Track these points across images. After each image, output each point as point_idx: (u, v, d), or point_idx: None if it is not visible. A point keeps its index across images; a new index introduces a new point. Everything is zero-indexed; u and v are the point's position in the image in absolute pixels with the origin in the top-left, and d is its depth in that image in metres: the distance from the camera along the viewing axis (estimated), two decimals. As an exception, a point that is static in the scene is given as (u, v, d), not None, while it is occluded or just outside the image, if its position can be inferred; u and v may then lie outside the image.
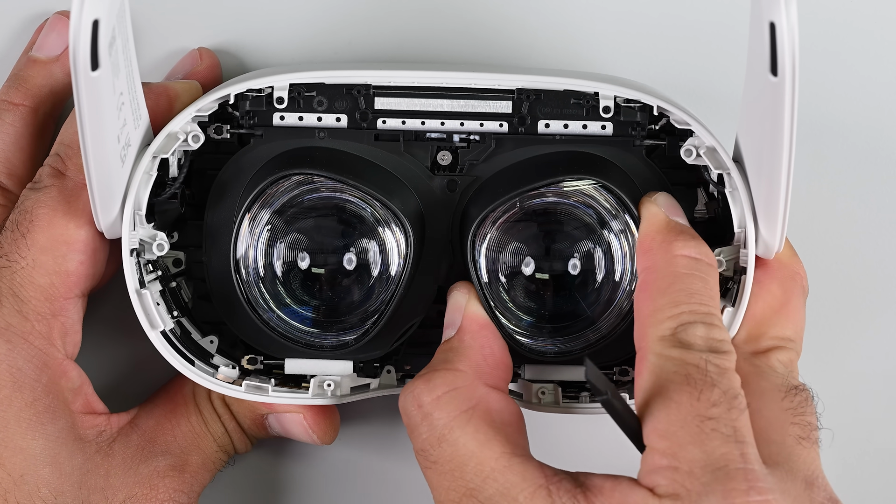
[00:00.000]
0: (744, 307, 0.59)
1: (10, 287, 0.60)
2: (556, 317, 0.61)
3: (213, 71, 0.66)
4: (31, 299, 0.60)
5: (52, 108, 0.65)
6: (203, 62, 0.66)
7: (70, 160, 0.60)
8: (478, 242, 0.60)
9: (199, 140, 0.60)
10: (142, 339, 0.60)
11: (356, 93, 0.61)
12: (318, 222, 0.61)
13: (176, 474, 0.62)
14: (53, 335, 0.60)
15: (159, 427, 0.63)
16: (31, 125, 0.64)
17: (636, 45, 0.67)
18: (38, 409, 0.60)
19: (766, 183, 0.56)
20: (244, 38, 0.67)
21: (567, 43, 0.67)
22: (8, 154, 0.64)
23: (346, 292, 0.61)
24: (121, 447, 0.62)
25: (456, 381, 0.56)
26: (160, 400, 0.64)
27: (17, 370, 0.59)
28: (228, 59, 0.67)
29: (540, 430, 0.67)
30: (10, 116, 0.64)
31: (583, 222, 0.61)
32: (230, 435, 0.64)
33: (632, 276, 0.60)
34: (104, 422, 0.62)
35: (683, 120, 0.59)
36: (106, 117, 0.53)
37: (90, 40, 0.49)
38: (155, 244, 0.60)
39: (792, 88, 0.50)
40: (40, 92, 0.65)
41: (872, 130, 0.68)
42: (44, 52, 0.65)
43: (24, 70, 0.65)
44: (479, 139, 0.61)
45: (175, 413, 0.63)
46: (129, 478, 0.61)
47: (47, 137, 0.66)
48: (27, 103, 0.64)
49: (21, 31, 0.67)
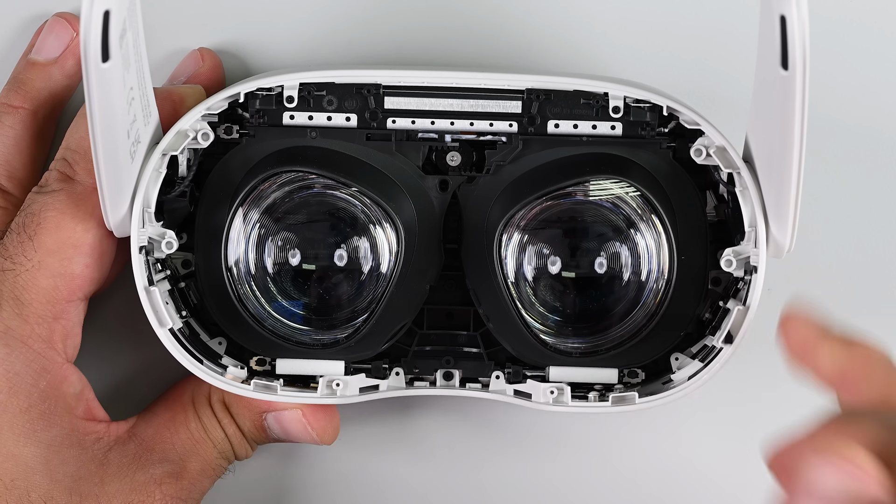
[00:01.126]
0: (755, 307, 0.59)
1: (11, 290, 0.60)
2: (582, 316, 0.62)
3: (215, 72, 0.66)
4: (33, 302, 0.60)
5: (52, 111, 0.66)
6: (205, 63, 0.66)
7: (78, 165, 0.61)
8: (504, 242, 0.60)
9: (209, 138, 0.60)
10: (142, 346, 0.60)
11: (366, 92, 0.61)
12: (310, 220, 0.61)
13: (173, 481, 0.62)
14: (55, 338, 0.60)
15: (157, 435, 0.63)
16: (30, 128, 0.65)
17: (643, 48, 0.67)
18: (32, 415, 0.60)
19: (776, 180, 0.56)
20: (245, 39, 0.67)
21: (573, 45, 0.67)
22: (8, 157, 0.64)
23: (336, 289, 0.62)
24: (117, 456, 0.62)
25: None
26: (159, 409, 0.64)
27: (14, 375, 0.59)
28: (230, 60, 0.67)
29: (543, 430, 0.68)
30: (9, 119, 0.64)
31: (609, 221, 0.61)
32: (230, 440, 0.63)
33: (658, 276, 0.60)
34: (103, 430, 0.62)
35: (693, 120, 0.59)
36: (116, 111, 0.53)
37: (101, 31, 0.49)
38: (164, 242, 0.60)
39: (803, 81, 0.50)
40: (39, 95, 0.65)
41: (873, 130, 0.68)
42: (42, 55, 0.65)
43: (24, 73, 0.65)
44: (506, 140, 0.61)
45: (174, 421, 0.63)
46: (124, 485, 0.61)
47: (47, 140, 0.66)
48: (27, 106, 0.65)
49: (20, 33, 0.67)
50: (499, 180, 0.61)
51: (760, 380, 0.67)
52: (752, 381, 0.68)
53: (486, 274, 0.61)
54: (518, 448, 0.68)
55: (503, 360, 0.63)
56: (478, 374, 0.63)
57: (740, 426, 0.68)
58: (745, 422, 0.68)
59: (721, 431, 0.68)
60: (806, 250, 0.67)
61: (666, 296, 0.60)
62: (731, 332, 0.59)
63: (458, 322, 0.64)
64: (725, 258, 0.60)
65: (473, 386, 0.63)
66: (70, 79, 0.66)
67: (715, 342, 0.60)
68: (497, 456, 0.68)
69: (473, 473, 0.68)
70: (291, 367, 0.62)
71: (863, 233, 0.68)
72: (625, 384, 0.62)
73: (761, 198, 0.58)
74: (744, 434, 0.67)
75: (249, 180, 0.60)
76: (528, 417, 0.67)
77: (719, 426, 0.68)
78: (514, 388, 0.62)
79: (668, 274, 0.60)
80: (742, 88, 0.62)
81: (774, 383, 0.67)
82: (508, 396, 0.62)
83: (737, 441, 0.68)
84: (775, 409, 0.67)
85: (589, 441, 0.68)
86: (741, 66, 0.64)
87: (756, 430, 0.67)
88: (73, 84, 0.66)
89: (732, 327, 0.59)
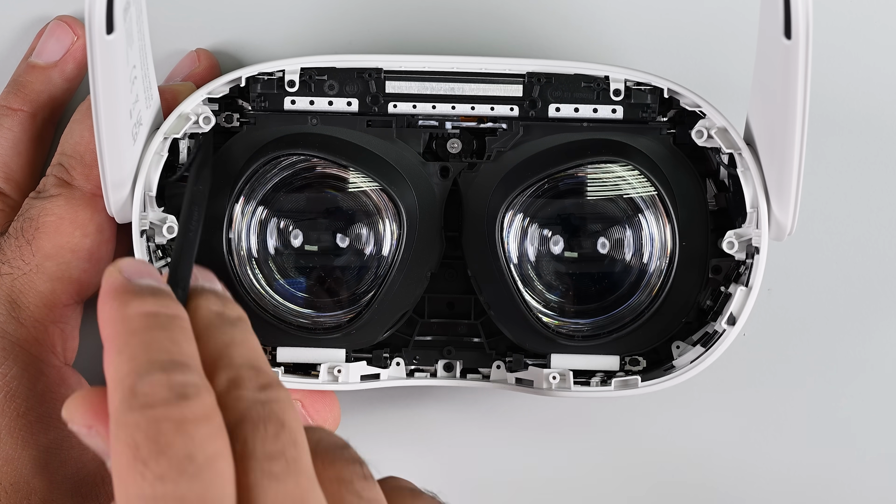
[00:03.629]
0: (757, 288, 0.59)
1: (8, 294, 0.60)
2: (584, 297, 0.62)
3: (211, 72, 0.66)
4: (30, 305, 0.60)
5: (51, 114, 0.66)
6: (201, 64, 0.66)
7: (75, 170, 0.61)
8: (506, 225, 0.60)
9: (210, 122, 0.60)
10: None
11: (367, 77, 0.61)
12: (311, 202, 0.61)
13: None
14: (53, 342, 0.60)
15: None
16: (29, 130, 0.65)
17: (644, 33, 0.67)
18: (30, 419, 0.59)
19: (777, 160, 0.56)
20: (242, 39, 0.67)
21: (574, 31, 0.67)
22: (6, 159, 0.64)
23: (338, 271, 0.62)
24: None
25: None
26: None
27: (10, 379, 0.59)
28: (227, 60, 0.67)
29: (545, 418, 0.68)
30: (8, 121, 0.64)
31: (610, 205, 0.61)
32: None
33: (660, 255, 0.61)
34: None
35: (694, 102, 0.60)
36: (119, 87, 0.53)
37: (106, 1, 0.49)
38: (165, 227, 0.60)
39: (806, 50, 0.50)
40: (39, 97, 0.65)
41: (874, 129, 0.68)
42: (43, 58, 0.66)
43: (24, 75, 0.65)
44: (506, 127, 0.61)
45: None
46: None
47: (46, 143, 0.66)
48: (26, 108, 0.65)
49: (21, 36, 0.67)
50: (499, 167, 0.61)
51: (763, 365, 0.67)
52: (755, 366, 0.67)
53: (487, 260, 0.61)
54: (520, 436, 0.68)
55: (504, 350, 0.63)
56: (479, 365, 0.63)
57: (744, 411, 0.68)
58: (749, 406, 0.68)
59: (724, 417, 0.67)
60: (806, 249, 0.67)
61: (667, 281, 0.60)
62: (734, 313, 0.59)
63: (458, 311, 0.64)
64: (727, 240, 0.60)
65: (474, 376, 0.63)
66: (70, 83, 0.66)
67: (717, 326, 0.60)
68: (499, 444, 0.68)
69: (475, 463, 0.68)
70: (292, 356, 0.62)
71: (863, 233, 0.68)
72: (626, 372, 0.62)
73: (763, 178, 0.58)
74: (747, 419, 0.67)
75: (251, 165, 0.60)
76: (530, 405, 0.67)
77: (722, 412, 0.67)
78: (515, 377, 0.62)
79: (670, 258, 0.60)
80: (742, 74, 0.62)
81: (777, 368, 0.67)
82: (510, 385, 0.62)
83: (740, 426, 0.68)
84: (778, 394, 0.67)
85: (591, 428, 0.68)
86: (742, 52, 0.64)
87: (759, 414, 0.68)
88: (72, 88, 0.66)
89: (735, 309, 0.59)
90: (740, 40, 0.66)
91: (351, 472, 0.46)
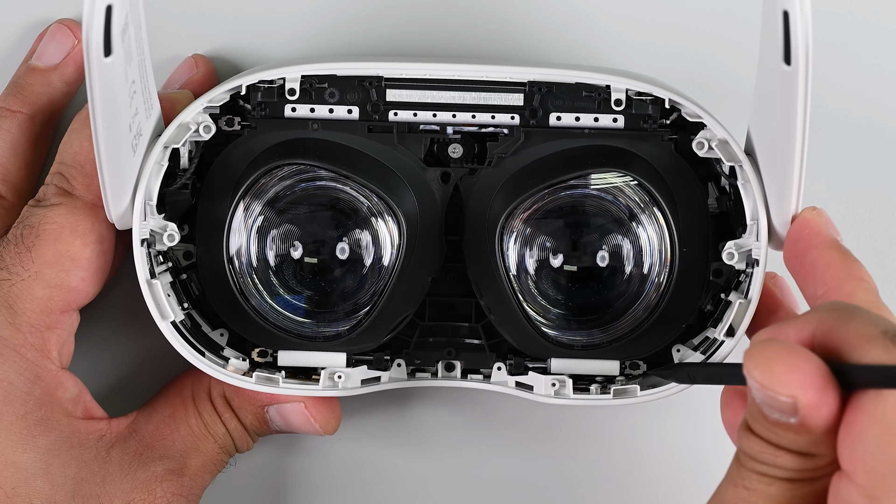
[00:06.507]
0: (756, 300, 0.59)
1: (5, 299, 0.60)
2: (584, 309, 0.62)
3: (209, 79, 0.66)
4: (26, 311, 0.60)
5: (50, 117, 0.66)
6: (199, 70, 0.66)
7: (76, 180, 0.61)
8: (506, 235, 0.60)
9: (210, 131, 0.60)
10: (141, 342, 0.60)
11: (368, 85, 0.61)
12: (311, 212, 0.61)
13: (174, 478, 0.62)
14: (49, 347, 0.60)
15: (158, 432, 0.63)
16: (27, 132, 0.65)
17: (646, 41, 0.67)
18: (29, 421, 0.60)
19: (778, 174, 0.56)
20: (239, 43, 0.67)
21: (575, 38, 0.67)
22: (3, 160, 0.64)
23: (338, 282, 0.62)
24: (118, 453, 0.62)
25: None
26: (158, 405, 0.64)
27: (7, 383, 0.60)
28: (225, 66, 0.67)
29: (545, 421, 0.68)
30: (6, 123, 0.64)
31: (611, 214, 0.61)
32: (231, 434, 0.64)
33: (660, 268, 0.60)
34: (104, 427, 0.62)
35: (695, 113, 0.59)
36: (118, 105, 0.53)
37: (103, 26, 0.49)
38: (165, 235, 0.60)
39: (805, 77, 0.50)
40: (38, 100, 0.65)
41: (874, 131, 0.68)
42: (43, 61, 0.66)
43: (23, 78, 0.65)
44: (507, 132, 0.61)
45: (174, 417, 0.63)
46: (125, 483, 0.61)
47: (44, 145, 0.66)
48: (25, 111, 0.65)
49: (21, 39, 0.67)
50: (500, 172, 0.61)
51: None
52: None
53: (487, 266, 0.61)
54: (519, 439, 0.68)
55: (505, 352, 0.63)
56: (479, 366, 0.63)
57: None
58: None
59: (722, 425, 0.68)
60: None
61: (668, 288, 0.60)
62: (733, 325, 0.59)
63: (459, 314, 0.64)
64: (727, 251, 0.60)
65: (475, 377, 0.63)
66: (70, 85, 0.66)
67: (716, 335, 0.60)
68: (498, 447, 0.68)
69: (475, 465, 0.68)
70: (293, 359, 0.62)
71: (863, 233, 0.68)
72: (626, 376, 0.63)
73: (763, 191, 0.58)
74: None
75: (251, 173, 0.60)
76: (530, 409, 0.67)
77: (720, 419, 0.68)
78: (515, 380, 0.63)
79: (670, 266, 0.60)
80: (744, 82, 0.62)
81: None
82: (510, 388, 0.62)
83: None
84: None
85: (590, 433, 0.69)
86: (743, 60, 0.64)
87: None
88: (72, 91, 0.66)
89: (734, 320, 0.59)
90: (742, 44, 0.66)
91: None
